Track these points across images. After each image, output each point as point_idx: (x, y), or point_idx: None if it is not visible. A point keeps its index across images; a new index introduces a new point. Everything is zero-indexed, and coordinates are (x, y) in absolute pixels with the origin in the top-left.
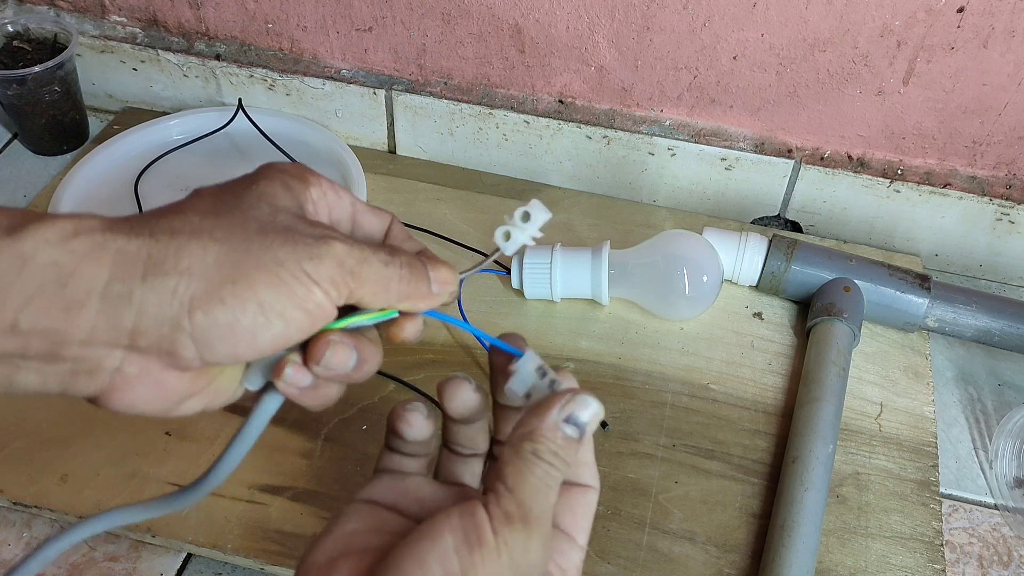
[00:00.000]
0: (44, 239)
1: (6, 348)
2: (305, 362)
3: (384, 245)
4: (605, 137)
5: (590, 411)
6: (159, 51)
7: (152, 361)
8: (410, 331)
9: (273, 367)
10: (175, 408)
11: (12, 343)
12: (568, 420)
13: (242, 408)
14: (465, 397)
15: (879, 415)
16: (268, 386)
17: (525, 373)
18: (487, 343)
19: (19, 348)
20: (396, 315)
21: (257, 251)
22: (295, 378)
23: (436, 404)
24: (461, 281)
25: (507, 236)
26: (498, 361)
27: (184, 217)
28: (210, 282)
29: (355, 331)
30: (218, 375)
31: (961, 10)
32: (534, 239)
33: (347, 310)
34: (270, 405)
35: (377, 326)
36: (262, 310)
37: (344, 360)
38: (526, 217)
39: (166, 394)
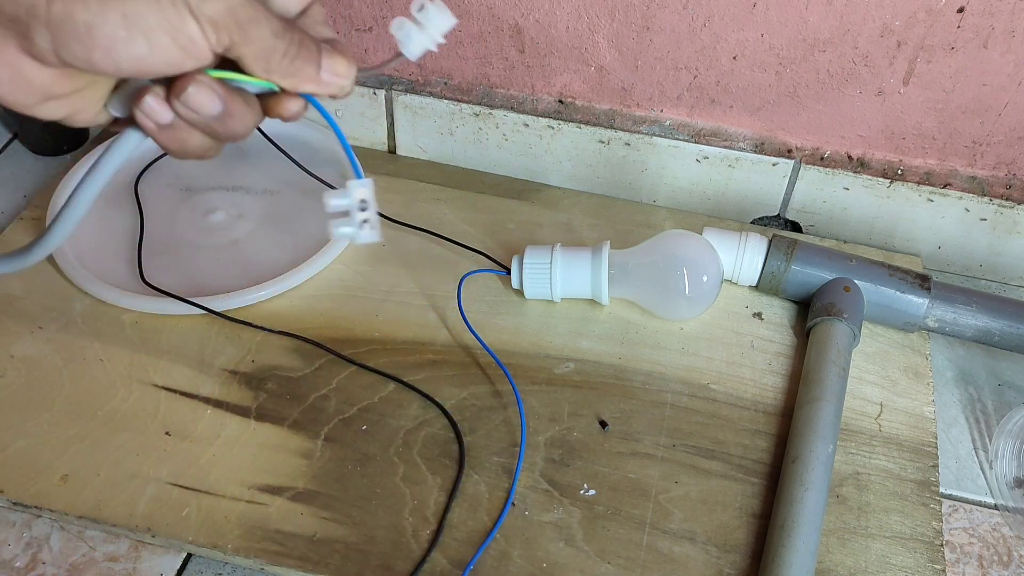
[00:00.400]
0: None
1: None
2: (167, 97)
3: (287, 20)
4: (605, 137)
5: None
6: None
7: (9, 42)
8: (289, 109)
9: (131, 97)
10: (36, 105)
11: None
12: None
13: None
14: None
15: (879, 415)
16: (132, 121)
17: (351, 194)
18: (353, 158)
19: None
20: (276, 89)
21: None
22: (153, 110)
23: (436, 404)
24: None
25: (401, 27)
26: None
27: None
28: None
29: (230, 85)
30: (84, 88)
31: (961, 10)
32: (437, 45)
33: (231, 68)
34: (130, 139)
35: (259, 97)
36: (125, 22)
37: (206, 103)
38: (420, 8)
39: (26, 85)
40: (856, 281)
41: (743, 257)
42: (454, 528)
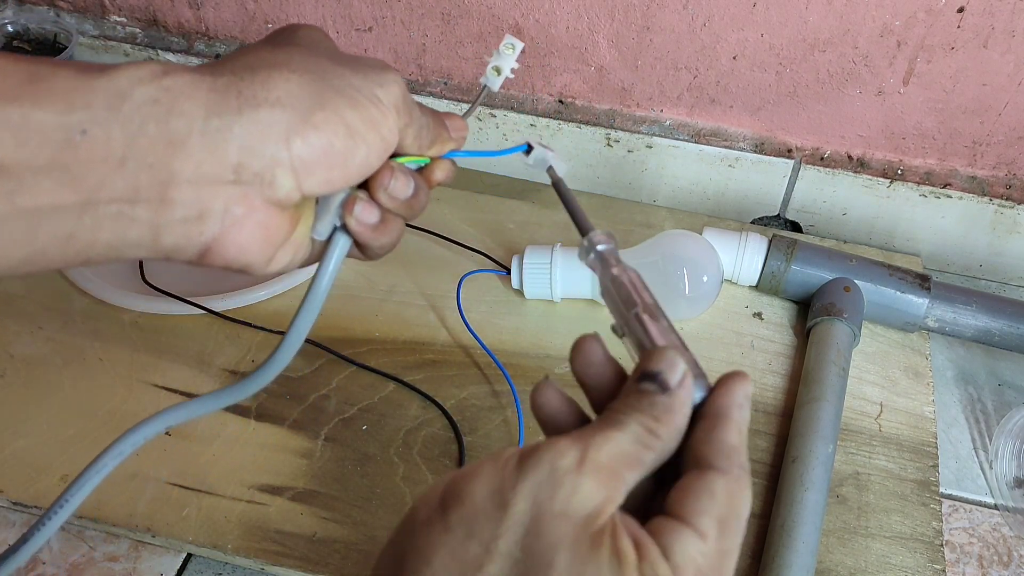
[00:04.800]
0: (137, 77)
1: (116, 189)
2: (371, 195)
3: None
4: (605, 137)
5: (675, 369)
6: (159, 51)
7: (255, 197)
8: (444, 169)
9: (341, 208)
10: (272, 259)
11: (122, 182)
12: (645, 377)
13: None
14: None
15: (879, 415)
16: (332, 233)
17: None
18: (523, 150)
19: (130, 189)
20: (428, 162)
21: (332, 78)
22: (364, 214)
23: (435, 403)
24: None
25: (498, 71)
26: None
27: (255, 54)
28: (301, 110)
29: (407, 167)
30: (300, 221)
31: (961, 10)
32: (513, 71)
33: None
34: (340, 246)
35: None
36: (350, 133)
37: (405, 186)
38: (509, 48)
39: (269, 236)
40: (856, 281)
41: (743, 257)
42: None
